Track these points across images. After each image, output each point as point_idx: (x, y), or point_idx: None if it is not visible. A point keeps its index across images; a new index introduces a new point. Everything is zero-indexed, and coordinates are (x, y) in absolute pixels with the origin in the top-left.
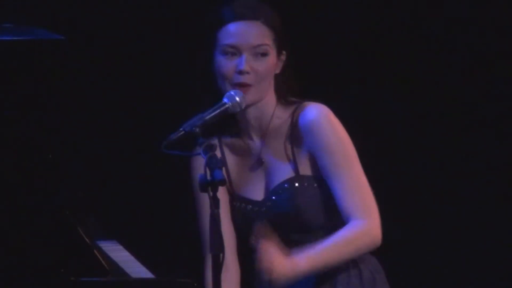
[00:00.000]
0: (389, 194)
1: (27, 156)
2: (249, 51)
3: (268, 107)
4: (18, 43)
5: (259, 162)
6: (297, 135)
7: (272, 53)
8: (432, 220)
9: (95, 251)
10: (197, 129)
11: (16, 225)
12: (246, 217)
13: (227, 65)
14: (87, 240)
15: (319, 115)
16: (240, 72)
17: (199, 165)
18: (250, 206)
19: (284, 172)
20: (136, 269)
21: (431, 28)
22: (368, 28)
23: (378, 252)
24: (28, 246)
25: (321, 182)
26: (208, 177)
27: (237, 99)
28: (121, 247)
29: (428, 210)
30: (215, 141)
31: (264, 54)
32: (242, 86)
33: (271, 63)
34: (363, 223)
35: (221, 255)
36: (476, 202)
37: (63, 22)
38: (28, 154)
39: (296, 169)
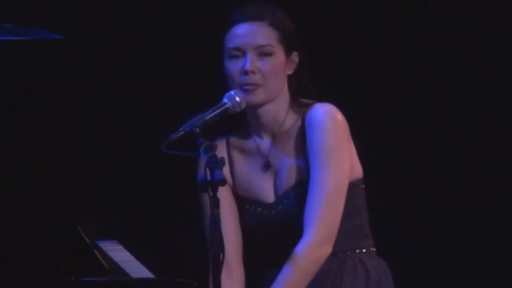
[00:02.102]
0: (390, 195)
1: (27, 156)
2: (253, 51)
3: (281, 109)
4: (18, 43)
5: (267, 164)
6: (305, 136)
7: (279, 53)
8: (433, 221)
9: (95, 251)
10: (197, 129)
11: (16, 225)
12: (257, 219)
13: (233, 67)
14: (87, 240)
15: (324, 113)
16: (246, 72)
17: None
18: (260, 209)
19: (295, 174)
20: (136, 269)
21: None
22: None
23: (382, 254)
24: (28, 246)
25: None
26: (208, 177)
27: (237, 99)
28: (121, 247)
29: (429, 210)
30: (223, 142)
31: (269, 54)
32: (249, 86)
33: (278, 63)
34: (310, 242)
35: (221, 255)
36: (477, 203)
37: (63, 22)
38: (28, 154)
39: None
